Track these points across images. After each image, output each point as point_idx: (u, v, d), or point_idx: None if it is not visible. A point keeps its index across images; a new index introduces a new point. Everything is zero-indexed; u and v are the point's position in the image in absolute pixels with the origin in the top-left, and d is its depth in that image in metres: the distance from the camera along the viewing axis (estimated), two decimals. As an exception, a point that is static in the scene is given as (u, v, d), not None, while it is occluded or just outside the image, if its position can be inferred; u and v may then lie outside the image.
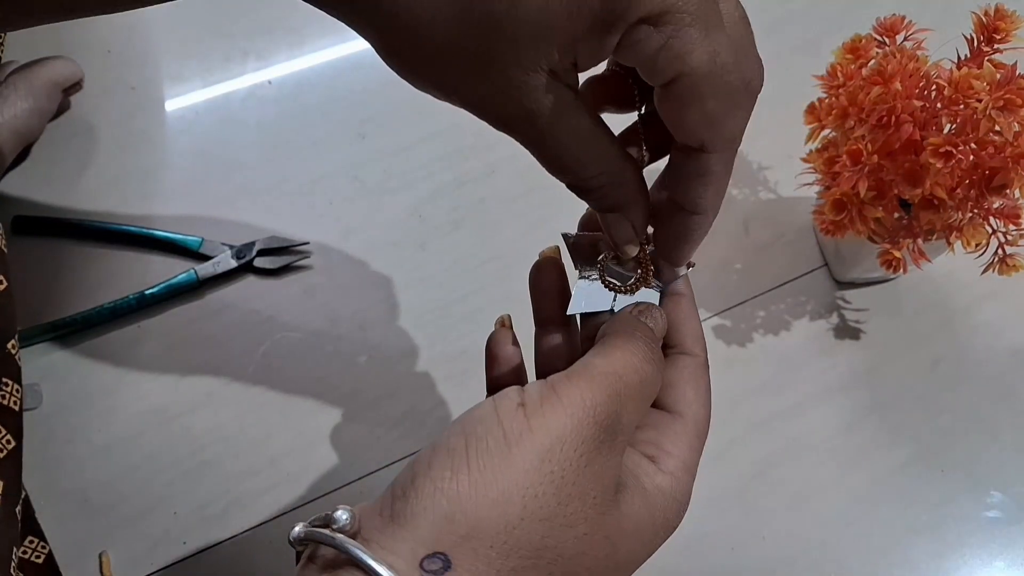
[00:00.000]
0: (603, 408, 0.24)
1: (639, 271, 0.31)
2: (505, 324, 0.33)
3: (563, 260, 0.33)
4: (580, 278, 0.31)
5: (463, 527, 0.22)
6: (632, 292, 0.31)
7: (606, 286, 0.31)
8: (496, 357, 0.33)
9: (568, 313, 0.31)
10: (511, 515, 0.23)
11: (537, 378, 0.30)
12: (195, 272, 0.50)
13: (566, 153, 0.26)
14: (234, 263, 0.50)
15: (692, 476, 0.28)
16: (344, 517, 0.23)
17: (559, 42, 0.23)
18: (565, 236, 0.32)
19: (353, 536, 0.23)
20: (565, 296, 0.32)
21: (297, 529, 0.23)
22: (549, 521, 0.23)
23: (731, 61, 0.25)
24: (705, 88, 0.25)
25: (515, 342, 0.33)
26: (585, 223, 0.33)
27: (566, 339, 0.32)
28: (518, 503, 0.23)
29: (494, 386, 0.33)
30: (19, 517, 0.35)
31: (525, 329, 0.33)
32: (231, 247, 0.51)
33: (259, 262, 0.51)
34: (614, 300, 0.31)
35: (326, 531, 0.23)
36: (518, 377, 0.33)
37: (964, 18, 0.41)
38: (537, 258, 0.33)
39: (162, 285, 0.50)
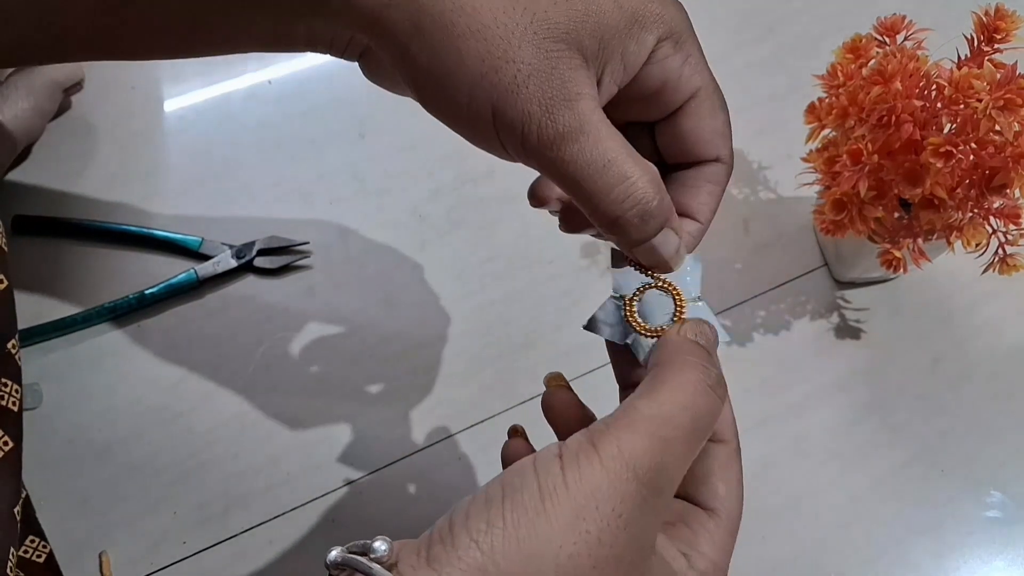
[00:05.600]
0: (644, 460, 0.23)
1: (673, 311, 0.30)
2: (518, 433, 0.33)
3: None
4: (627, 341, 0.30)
5: None
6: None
7: (649, 335, 0.29)
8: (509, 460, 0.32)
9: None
10: (544, 574, 0.22)
11: None
12: (195, 272, 0.50)
13: (610, 152, 0.26)
14: (234, 263, 0.50)
15: (725, 575, 0.28)
16: (382, 548, 0.23)
17: (599, 36, 0.25)
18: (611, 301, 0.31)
19: (389, 569, 0.23)
20: (585, 422, 0.31)
21: (334, 553, 0.23)
22: None
23: (715, 82, 0.29)
24: (718, 101, 0.29)
25: (529, 446, 0.33)
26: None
27: None
28: (551, 562, 0.22)
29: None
30: (19, 518, 0.35)
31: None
32: (231, 247, 0.51)
33: (259, 262, 0.51)
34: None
35: (363, 559, 0.23)
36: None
37: (964, 18, 0.41)
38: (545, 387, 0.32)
39: (162, 285, 0.50)
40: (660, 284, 0.30)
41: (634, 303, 0.30)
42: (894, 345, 0.51)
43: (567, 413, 0.32)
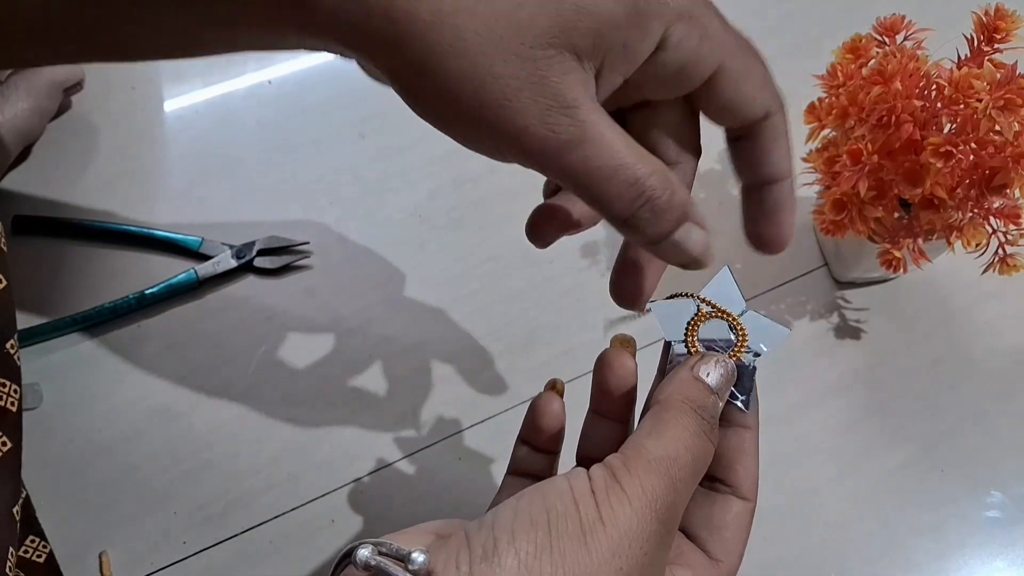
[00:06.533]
0: (662, 500, 0.25)
1: (736, 339, 0.30)
2: (556, 388, 0.33)
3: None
4: (674, 346, 0.30)
5: None
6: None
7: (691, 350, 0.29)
8: (539, 425, 0.32)
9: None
10: None
11: (576, 455, 0.32)
12: (195, 272, 0.50)
13: (618, 156, 0.25)
14: (234, 263, 0.50)
15: None
16: (421, 559, 0.23)
17: (599, 31, 0.24)
18: (652, 303, 0.31)
19: None
20: (631, 399, 0.31)
21: (366, 553, 0.23)
22: None
23: (742, 37, 0.28)
24: (748, 59, 0.28)
25: (562, 409, 0.33)
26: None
27: (619, 435, 0.31)
28: None
29: (527, 445, 0.33)
30: (18, 518, 0.35)
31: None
32: (231, 247, 0.51)
33: (259, 262, 0.51)
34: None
35: (400, 568, 0.23)
36: (555, 444, 0.33)
37: (964, 18, 0.41)
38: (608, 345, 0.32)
39: (162, 285, 0.50)
40: (733, 321, 0.30)
41: (703, 320, 0.30)
42: (894, 345, 0.51)
43: (621, 382, 0.31)
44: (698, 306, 0.30)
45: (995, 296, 0.53)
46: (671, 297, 0.31)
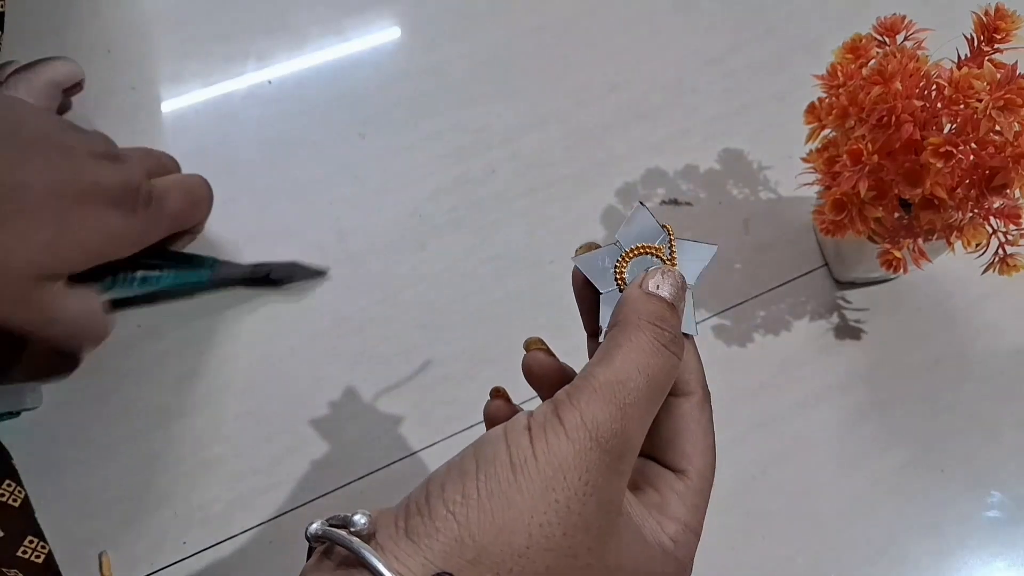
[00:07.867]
0: (606, 427, 0.24)
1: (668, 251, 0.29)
2: (500, 394, 0.34)
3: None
4: (605, 294, 0.29)
5: (471, 552, 0.23)
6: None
7: (620, 286, 0.29)
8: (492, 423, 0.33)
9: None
10: (516, 544, 0.23)
11: None
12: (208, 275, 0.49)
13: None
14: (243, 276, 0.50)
15: (697, 536, 0.28)
16: (362, 521, 0.23)
17: None
18: (575, 258, 0.30)
19: (367, 540, 0.23)
20: (565, 380, 0.31)
21: (315, 526, 0.24)
22: (554, 551, 0.23)
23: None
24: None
25: (510, 406, 0.33)
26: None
27: None
28: (523, 532, 0.23)
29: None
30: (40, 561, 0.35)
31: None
32: (244, 269, 0.50)
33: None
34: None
35: (343, 532, 0.23)
36: None
37: (964, 18, 0.41)
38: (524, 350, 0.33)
39: (170, 276, 0.48)
40: (659, 254, 0.29)
41: (629, 259, 0.29)
42: (894, 345, 0.51)
43: (547, 376, 0.32)
44: (621, 248, 0.30)
45: (995, 296, 0.53)
46: (589, 249, 0.30)
